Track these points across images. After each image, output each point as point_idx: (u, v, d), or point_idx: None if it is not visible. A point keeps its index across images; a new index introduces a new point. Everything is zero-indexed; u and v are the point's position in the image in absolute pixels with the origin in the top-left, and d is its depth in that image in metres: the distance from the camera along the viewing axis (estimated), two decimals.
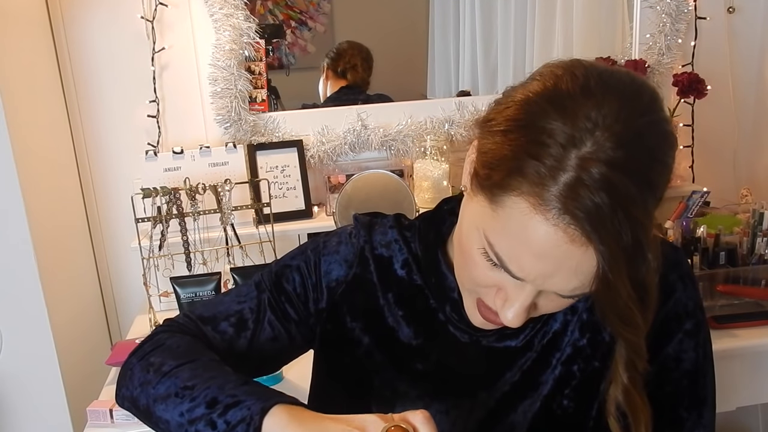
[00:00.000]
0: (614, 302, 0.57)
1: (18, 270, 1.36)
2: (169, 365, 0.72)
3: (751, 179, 1.94)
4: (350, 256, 0.80)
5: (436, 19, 2.03)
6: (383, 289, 0.79)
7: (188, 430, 0.67)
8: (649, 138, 0.58)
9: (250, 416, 0.63)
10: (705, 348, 0.73)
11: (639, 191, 0.55)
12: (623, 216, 0.54)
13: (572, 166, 0.54)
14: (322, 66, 1.96)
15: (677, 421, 0.71)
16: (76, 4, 1.60)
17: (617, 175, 0.54)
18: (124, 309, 1.78)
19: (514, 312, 0.62)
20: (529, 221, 0.56)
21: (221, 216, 1.50)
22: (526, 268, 0.59)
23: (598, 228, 0.54)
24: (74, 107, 1.65)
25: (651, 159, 0.58)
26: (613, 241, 0.54)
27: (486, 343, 0.75)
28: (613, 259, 0.55)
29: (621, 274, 0.56)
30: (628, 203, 0.54)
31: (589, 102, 0.56)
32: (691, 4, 1.79)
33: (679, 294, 0.72)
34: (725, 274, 1.38)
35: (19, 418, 1.44)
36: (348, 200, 1.54)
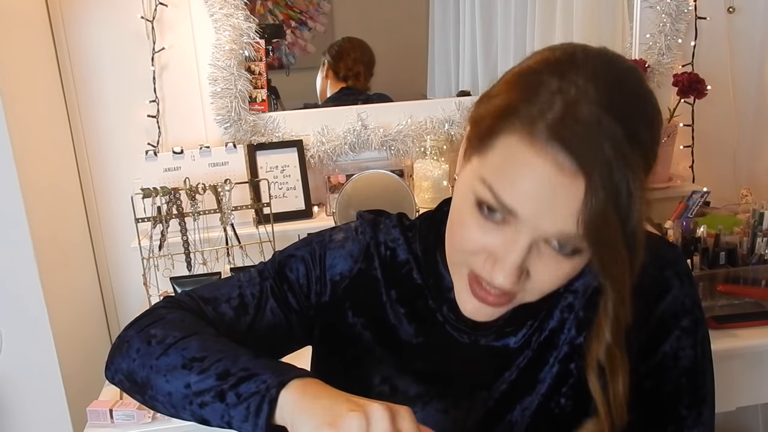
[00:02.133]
0: (602, 232, 0.58)
1: (18, 270, 1.36)
2: (173, 337, 0.70)
3: (751, 179, 1.94)
4: (356, 252, 0.80)
5: (436, 19, 2.03)
6: (386, 286, 0.79)
7: (192, 401, 0.66)
8: (632, 90, 0.61)
9: (267, 388, 0.62)
10: (704, 346, 0.73)
11: (624, 134, 0.57)
12: (609, 148, 0.57)
13: (560, 106, 0.58)
14: (323, 62, 1.95)
15: (677, 420, 0.71)
16: (76, 4, 1.60)
17: (603, 113, 0.57)
18: (124, 309, 1.78)
19: (507, 270, 0.61)
20: (519, 153, 0.59)
21: (221, 216, 1.50)
22: (520, 201, 0.59)
23: (586, 155, 0.56)
24: (74, 107, 1.65)
25: (635, 108, 0.60)
26: (600, 170, 0.56)
27: (484, 343, 0.75)
28: (600, 186, 0.56)
29: (607, 204, 0.57)
30: (614, 140, 0.57)
31: (576, 63, 0.60)
32: (691, 4, 1.79)
33: (676, 291, 0.72)
34: (725, 274, 1.38)
35: (19, 418, 1.44)
36: (348, 200, 1.54)
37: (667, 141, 1.76)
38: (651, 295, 0.72)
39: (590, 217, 0.57)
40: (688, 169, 1.90)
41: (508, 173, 0.60)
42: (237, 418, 0.63)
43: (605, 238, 0.58)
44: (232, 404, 0.63)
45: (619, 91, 0.59)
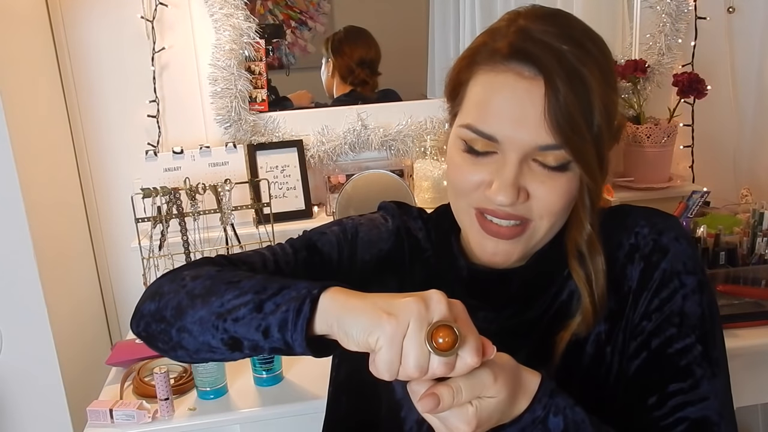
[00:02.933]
0: (568, 124, 0.64)
1: (18, 270, 1.36)
2: (207, 271, 0.69)
3: (751, 179, 1.94)
4: (385, 234, 0.83)
5: (436, 19, 2.02)
6: (411, 270, 0.83)
7: (226, 318, 0.63)
8: (571, 21, 0.70)
9: (308, 292, 0.60)
10: (711, 308, 0.73)
11: (572, 43, 0.65)
12: (561, 52, 0.65)
13: (512, 32, 0.67)
14: (329, 60, 1.94)
15: (691, 375, 0.70)
16: (76, 4, 1.60)
17: (549, 30, 0.66)
18: (124, 309, 1.78)
19: (503, 187, 0.67)
20: (486, 82, 0.68)
21: (221, 216, 1.50)
22: (495, 121, 0.67)
23: (541, 58, 0.64)
24: (74, 107, 1.65)
25: (576, 31, 0.68)
26: (555, 68, 0.64)
27: (498, 324, 0.77)
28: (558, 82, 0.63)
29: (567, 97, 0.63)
30: (565, 45, 0.65)
31: (519, 12, 0.70)
32: (691, 4, 1.79)
33: (675, 251, 0.73)
34: (725, 274, 1.38)
35: (19, 418, 1.44)
36: (348, 200, 1.54)
37: (667, 141, 1.76)
38: (651, 259, 0.73)
39: (554, 109, 0.64)
40: (688, 169, 1.90)
41: (480, 105, 0.68)
42: (274, 324, 0.60)
43: (572, 127, 0.64)
44: (269, 311, 0.61)
45: (558, 19, 0.68)
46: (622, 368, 0.74)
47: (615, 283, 0.74)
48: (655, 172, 1.78)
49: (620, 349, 0.74)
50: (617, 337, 0.74)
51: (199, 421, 1.19)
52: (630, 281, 0.74)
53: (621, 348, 0.74)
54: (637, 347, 0.73)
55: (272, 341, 0.61)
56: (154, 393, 1.20)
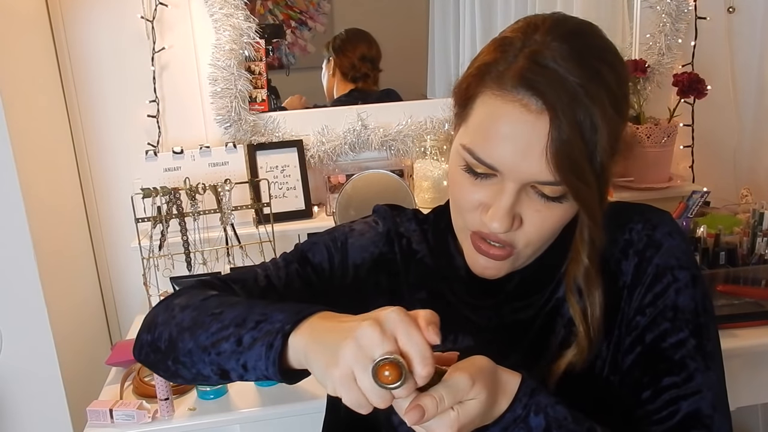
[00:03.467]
0: (570, 162, 0.63)
1: (18, 270, 1.36)
2: (195, 300, 0.72)
3: (751, 179, 1.94)
4: (376, 237, 0.84)
5: (436, 19, 2.02)
6: (405, 271, 0.83)
7: (211, 351, 0.67)
8: (590, 39, 0.67)
9: (281, 326, 0.62)
10: (704, 303, 0.74)
11: (586, 74, 0.63)
12: (571, 85, 0.62)
13: (524, 57, 0.64)
14: (327, 58, 1.94)
15: (684, 368, 0.71)
16: (76, 4, 1.60)
17: (563, 57, 0.63)
18: (124, 309, 1.78)
19: (499, 215, 0.67)
20: (493, 107, 0.65)
21: (221, 216, 1.50)
22: (497, 152, 0.65)
23: (549, 92, 0.62)
24: (74, 107, 1.65)
25: (594, 53, 0.66)
26: (562, 103, 0.62)
27: (496, 320, 0.78)
28: (563, 119, 0.62)
29: (571, 135, 0.62)
30: (576, 78, 0.63)
31: (536, 24, 0.68)
32: (691, 4, 1.79)
33: (667, 246, 0.74)
34: (725, 274, 1.38)
35: (19, 418, 1.44)
36: (348, 200, 1.54)
37: (667, 141, 1.76)
38: (644, 254, 0.74)
39: (557, 148, 0.62)
40: (688, 169, 1.90)
41: (483, 131, 0.66)
42: (251, 359, 0.64)
43: (574, 168, 0.63)
44: (247, 346, 0.64)
45: (576, 39, 0.65)
46: (618, 362, 0.75)
47: (610, 276, 0.75)
48: (655, 172, 1.78)
49: (616, 343, 0.75)
50: (613, 332, 0.75)
51: (199, 421, 1.19)
52: (624, 276, 0.75)
53: (617, 342, 0.75)
54: (632, 342, 0.73)
55: (253, 373, 0.65)
56: (154, 393, 1.20)
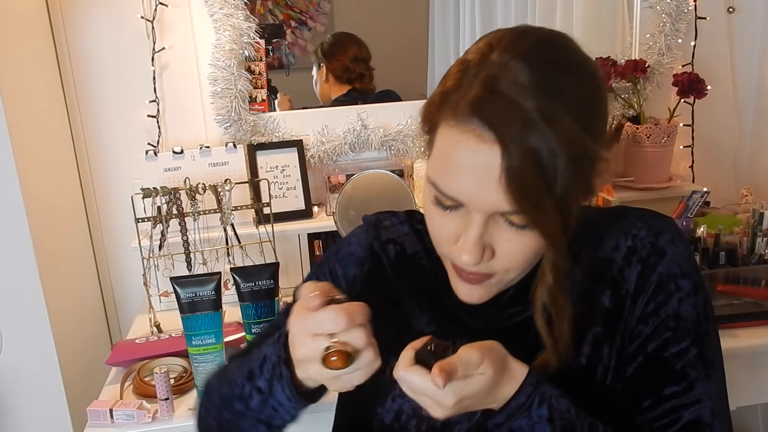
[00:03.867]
0: (524, 192, 0.61)
1: (18, 270, 1.36)
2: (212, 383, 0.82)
3: (751, 179, 1.94)
4: (362, 255, 0.85)
5: (436, 19, 2.02)
6: (398, 280, 0.84)
7: (248, 415, 0.74)
8: (552, 53, 0.64)
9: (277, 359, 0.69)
10: (706, 309, 0.74)
11: (543, 96, 0.60)
12: (525, 111, 0.60)
13: (478, 84, 0.62)
14: (319, 65, 1.93)
15: (685, 378, 0.71)
16: (76, 4, 1.60)
17: (519, 80, 0.61)
18: (124, 309, 1.78)
19: (467, 247, 0.66)
20: (450, 139, 0.64)
21: (221, 216, 1.50)
22: (456, 185, 0.64)
23: (499, 120, 0.60)
24: (74, 107, 1.65)
25: (556, 69, 0.63)
26: (512, 132, 0.60)
27: (493, 325, 0.78)
28: (514, 147, 0.60)
29: (525, 164, 0.60)
30: (531, 103, 0.60)
31: (494, 42, 0.65)
32: (691, 4, 1.79)
33: (671, 254, 0.73)
34: (725, 274, 1.38)
35: (19, 418, 1.44)
36: (348, 200, 1.54)
37: (667, 141, 1.76)
38: (648, 262, 0.74)
39: (509, 178, 0.60)
40: (688, 169, 1.90)
41: (443, 163, 0.65)
42: (276, 397, 0.70)
43: (529, 196, 0.61)
44: (267, 390, 0.70)
45: (535, 55, 0.63)
46: (621, 370, 0.74)
47: (613, 283, 0.74)
48: (655, 172, 1.78)
49: (619, 350, 0.74)
50: (615, 339, 0.74)
51: None
52: (627, 284, 0.74)
53: (620, 349, 0.74)
54: (634, 350, 0.73)
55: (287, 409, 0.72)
56: (154, 393, 1.20)
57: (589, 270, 0.75)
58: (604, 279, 0.75)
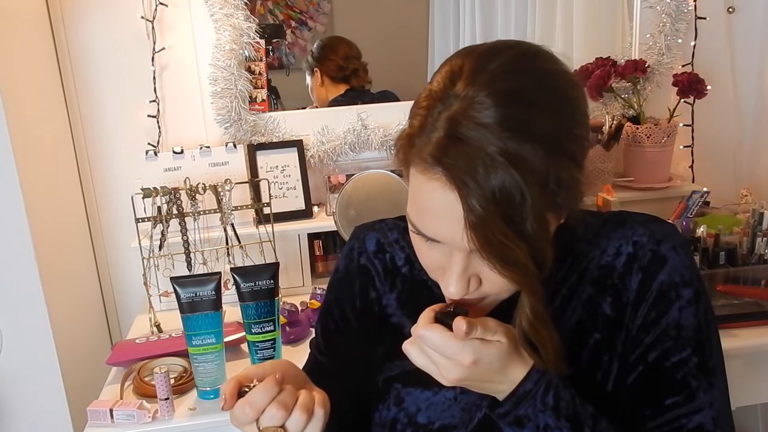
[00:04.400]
0: (487, 237, 0.59)
1: (18, 270, 1.36)
2: None
3: (751, 179, 1.94)
4: (352, 273, 0.87)
5: (436, 19, 2.02)
6: (389, 289, 0.84)
7: None
8: (520, 82, 0.61)
9: None
10: (707, 317, 0.73)
11: (508, 135, 0.58)
12: (487, 155, 0.58)
13: (442, 126, 0.60)
14: (312, 70, 1.92)
15: (686, 388, 0.71)
16: (76, 4, 1.60)
17: (478, 121, 0.58)
18: (124, 309, 1.78)
19: (452, 281, 0.65)
20: (419, 183, 0.63)
21: (221, 216, 1.50)
22: (431, 226, 0.64)
23: (460, 167, 0.58)
24: (74, 107, 1.65)
25: (525, 99, 0.60)
26: (472, 178, 0.58)
27: None
28: (474, 193, 0.58)
29: (488, 210, 0.58)
30: (494, 145, 0.57)
31: (458, 74, 0.63)
32: (691, 4, 1.79)
33: (673, 262, 0.73)
34: (725, 274, 1.38)
35: (19, 418, 1.44)
36: (348, 200, 1.54)
37: (667, 141, 1.76)
38: (649, 270, 0.73)
39: (472, 222, 0.59)
40: (688, 169, 1.90)
41: (416, 205, 0.65)
42: None
43: (493, 242, 0.59)
44: None
45: (501, 85, 0.60)
46: (621, 377, 0.74)
47: (613, 290, 0.74)
48: (655, 172, 1.78)
49: (620, 358, 0.74)
50: (616, 346, 0.74)
51: (199, 421, 1.19)
52: (629, 292, 0.74)
53: (621, 357, 0.74)
54: (636, 359, 0.73)
55: None
56: (154, 393, 1.20)
57: (590, 277, 0.75)
58: (605, 286, 0.74)
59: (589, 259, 0.76)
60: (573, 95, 0.64)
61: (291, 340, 1.44)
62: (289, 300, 1.52)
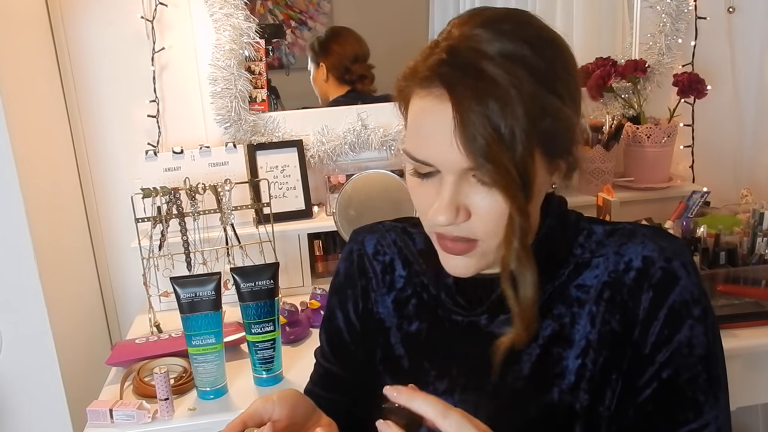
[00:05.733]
0: (479, 146, 0.62)
1: (18, 270, 1.36)
2: None
3: (751, 179, 1.94)
4: (353, 275, 0.88)
5: (436, 19, 2.02)
6: (387, 291, 0.85)
7: None
8: (511, 23, 0.67)
9: None
10: (714, 332, 0.74)
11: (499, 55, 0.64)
12: (478, 68, 0.63)
13: (438, 51, 0.67)
14: (319, 65, 1.92)
15: (696, 405, 0.72)
16: (76, 4, 1.60)
17: (475, 43, 0.65)
18: (124, 309, 1.78)
19: (441, 207, 0.67)
20: (418, 106, 0.68)
21: (221, 216, 1.50)
22: (424, 147, 0.67)
23: (454, 78, 0.64)
24: (74, 107, 1.65)
25: (513, 36, 0.65)
26: (464, 87, 0.63)
27: (486, 330, 0.78)
28: (467, 102, 0.62)
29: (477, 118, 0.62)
30: (486, 60, 0.63)
31: (456, 18, 0.70)
32: (691, 4, 1.79)
33: (684, 281, 0.73)
34: (725, 274, 1.38)
35: (19, 418, 1.44)
36: (348, 200, 1.54)
37: (667, 141, 1.76)
38: (660, 288, 0.73)
39: (461, 133, 0.63)
40: (688, 169, 1.90)
41: (413, 130, 0.69)
42: None
43: (483, 151, 0.63)
44: None
45: (494, 24, 0.66)
46: (628, 393, 0.74)
47: (622, 307, 0.74)
48: (655, 172, 1.78)
49: (626, 376, 0.74)
50: (622, 364, 0.74)
51: (199, 421, 1.19)
52: (638, 310, 0.73)
53: (626, 375, 0.74)
54: (649, 379, 0.73)
55: None
56: (154, 393, 1.20)
57: (600, 295, 0.75)
58: (614, 303, 0.74)
59: (597, 276, 0.76)
60: (561, 43, 0.70)
61: (291, 340, 1.44)
62: (289, 300, 1.52)
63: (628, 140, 1.78)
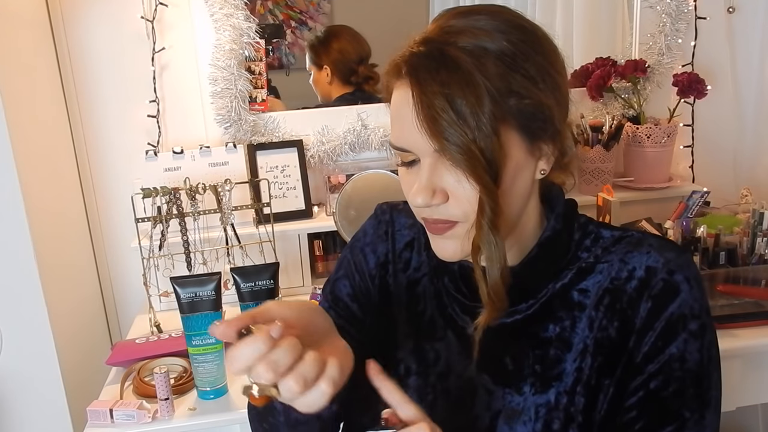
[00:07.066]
0: (442, 131, 0.64)
1: (18, 270, 1.36)
2: None
3: (751, 179, 1.94)
4: (377, 239, 0.89)
5: None
6: (403, 269, 0.87)
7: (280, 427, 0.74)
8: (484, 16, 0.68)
9: None
10: (710, 351, 0.73)
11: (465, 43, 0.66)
12: (444, 56, 0.65)
13: (413, 44, 0.69)
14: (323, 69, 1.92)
15: (679, 420, 0.71)
16: (76, 4, 1.60)
17: (444, 34, 0.68)
18: (124, 309, 1.78)
19: (418, 189, 0.69)
20: (395, 97, 0.71)
21: (221, 216, 1.50)
22: (401, 135, 0.70)
23: (420, 66, 0.66)
24: (74, 107, 1.65)
25: (483, 27, 0.67)
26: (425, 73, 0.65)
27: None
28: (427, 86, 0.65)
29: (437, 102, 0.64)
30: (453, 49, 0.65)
31: (440, 14, 0.72)
32: (691, 4, 1.80)
33: (685, 295, 0.72)
34: (725, 274, 1.38)
35: (19, 418, 1.44)
36: (348, 200, 1.54)
37: (667, 141, 1.76)
38: (660, 300, 0.72)
39: (423, 116, 0.65)
40: (688, 169, 1.90)
41: (393, 120, 0.72)
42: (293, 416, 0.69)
43: (447, 134, 0.64)
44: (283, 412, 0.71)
45: (468, 15, 0.68)
46: (617, 401, 0.74)
47: (621, 314, 0.74)
48: (655, 172, 1.78)
49: (618, 382, 0.74)
50: (616, 370, 0.74)
51: (199, 421, 1.19)
52: (636, 319, 0.73)
53: (618, 382, 0.74)
54: (636, 387, 0.73)
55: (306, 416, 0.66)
56: (154, 393, 1.20)
57: (600, 300, 0.75)
58: (614, 310, 0.74)
59: (599, 282, 0.76)
60: (534, 29, 0.71)
61: None
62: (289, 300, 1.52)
63: (628, 140, 1.78)
